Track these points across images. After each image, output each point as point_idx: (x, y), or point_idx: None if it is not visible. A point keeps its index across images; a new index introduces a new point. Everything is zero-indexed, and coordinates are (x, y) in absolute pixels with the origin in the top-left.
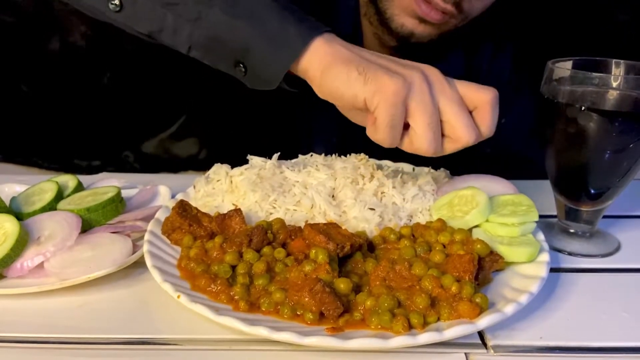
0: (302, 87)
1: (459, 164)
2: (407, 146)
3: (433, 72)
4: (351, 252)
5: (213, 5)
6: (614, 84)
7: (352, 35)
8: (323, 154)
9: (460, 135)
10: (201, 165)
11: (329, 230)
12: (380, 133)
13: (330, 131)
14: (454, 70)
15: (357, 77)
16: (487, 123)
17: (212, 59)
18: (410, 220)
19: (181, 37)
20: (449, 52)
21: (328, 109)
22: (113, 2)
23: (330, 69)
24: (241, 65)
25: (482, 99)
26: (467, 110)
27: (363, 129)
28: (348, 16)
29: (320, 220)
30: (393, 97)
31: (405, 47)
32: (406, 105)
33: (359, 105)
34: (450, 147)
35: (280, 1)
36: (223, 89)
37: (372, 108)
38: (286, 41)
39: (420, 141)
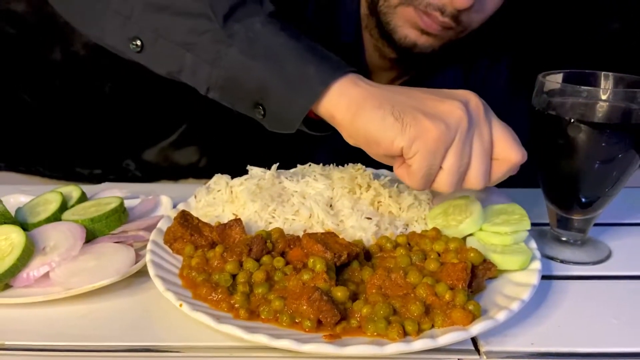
0: (330, 130)
1: None
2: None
3: (475, 105)
4: (348, 261)
5: (231, 45)
6: (603, 96)
7: (353, 46)
8: (321, 164)
9: (472, 181)
10: (201, 173)
11: (327, 239)
12: (414, 181)
13: (327, 141)
14: (453, 81)
15: (394, 123)
16: (497, 177)
17: (230, 100)
18: (406, 229)
19: (200, 78)
20: (449, 62)
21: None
22: (134, 42)
23: (362, 113)
24: (260, 107)
25: (509, 158)
26: (489, 158)
27: None
28: (350, 29)
29: (318, 229)
30: (434, 146)
31: (405, 59)
32: (447, 150)
33: (395, 153)
34: (463, 186)
35: (304, 41)
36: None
37: (409, 156)
38: (305, 82)
39: (444, 181)
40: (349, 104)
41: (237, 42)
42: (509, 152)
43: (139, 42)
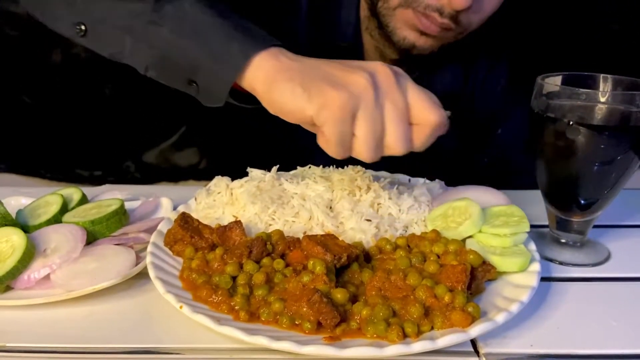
0: (258, 103)
1: (455, 175)
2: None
3: (383, 74)
4: (348, 263)
5: (162, 25)
6: (602, 99)
7: (352, 48)
8: (321, 166)
9: (391, 145)
10: (201, 175)
11: (327, 241)
12: (330, 149)
13: None
14: (453, 81)
15: (302, 93)
16: (421, 141)
17: (166, 79)
18: (406, 231)
19: (139, 58)
20: (449, 63)
21: None
22: (78, 27)
23: (275, 85)
24: (194, 83)
25: (427, 120)
26: (406, 122)
27: None
28: (349, 31)
29: (318, 231)
30: (339, 113)
31: (407, 59)
32: (353, 116)
33: (307, 122)
34: (384, 153)
35: (231, 18)
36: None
37: (319, 124)
38: (229, 57)
39: (361, 149)
40: (265, 77)
41: (167, 22)
42: (426, 115)
43: (82, 27)
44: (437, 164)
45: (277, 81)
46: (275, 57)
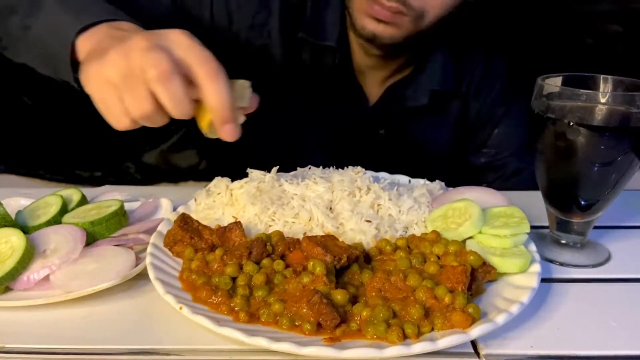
0: None
1: (455, 174)
2: None
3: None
4: (348, 264)
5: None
6: (602, 100)
7: (338, 49)
8: (321, 167)
9: (168, 108)
10: (201, 176)
11: (327, 242)
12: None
13: (327, 144)
14: (444, 79)
15: (85, 59)
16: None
17: (63, 75)
18: (406, 232)
19: (46, 70)
20: (429, 55)
21: (325, 123)
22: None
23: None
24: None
25: (202, 73)
26: (172, 81)
27: (359, 142)
28: (333, 31)
29: (318, 232)
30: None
31: (387, 54)
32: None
33: None
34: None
35: None
36: None
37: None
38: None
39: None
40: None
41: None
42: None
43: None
44: (436, 165)
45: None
46: (95, 33)
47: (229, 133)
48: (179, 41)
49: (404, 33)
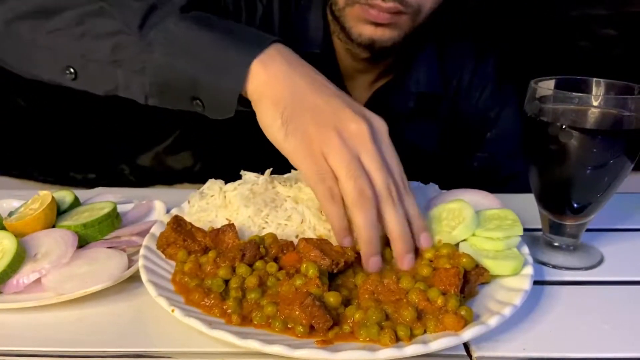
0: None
1: (448, 178)
2: None
3: (358, 131)
4: (344, 269)
5: (152, 52)
6: (594, 103)
7: (323, 55)
8: None
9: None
10: (196, 178)
11: (322, 245)
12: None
13: None
14: (430, 81)
15: (280, 127)
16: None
17: (169, 102)
18: None
19: (135, 90)
20: (415, 57)
21: None
22: (68, 71)
23: (259, 106)
24: (198, 100)
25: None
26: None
27: None
28: (318, 38)
29: (310, 234)
30: (310, 162)
31: (377, 57)
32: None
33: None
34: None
35: (218, 27)
36: None
37: (295, 164)
38: (229, 68)
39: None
40: (255, 90)
41: (157, 48)
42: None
43: (72, 70)
44: (430, 168)
45: (263, 99)
46: (267, 65)
47: (408, 263)
48: (386, 141)
49: (403, 33)
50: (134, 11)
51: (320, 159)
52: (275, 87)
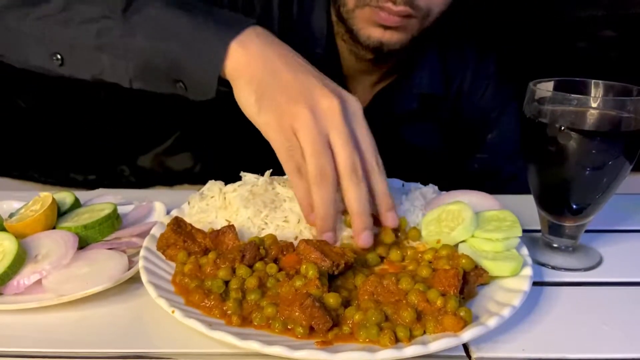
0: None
1: (448, 179)
2: None
3: (330, 108)
4: (344, 270)
5: (134, 35)
6: (593, 104)
7: (326, 56)
8: None
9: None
10: (196, 179)
11: (323, 247)
12: (280, 160)
13: None
14: (432, 82)
15: (254, 103)
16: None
17: (152, 85)
18: None
19: (120, 73)
20: (417, 58)
21: None
22: (54, 57)
23: (236, 84)
24: (180, 82)
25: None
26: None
27: None
28: (321, 39)
29: (308, 235)
30: (280, 135)
31: (381, 58)
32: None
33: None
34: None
35: (198, 10)
36: (217, 104)
37: (267, 138)
38: (209, 49)
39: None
40: (233, 70)
41: (139, 31)
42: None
43: (59, 56)
44: (430, 169)
45: (239, 78)
46: (245, 45)
47: (364, 240)
48: (359, 119)
49: (411, 36)
50: None
51: (290, 134)
52: (252, 65)
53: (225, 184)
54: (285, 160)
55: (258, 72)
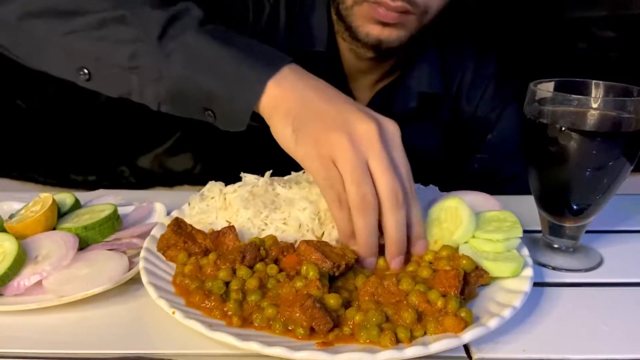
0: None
1: (448, 179)
2: None
3: (367, 132)
4: (345, 271)
5: (171, 62)
6: (594, 105)
7: (327, 54)
8: None
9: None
10: (196, 180)
11: (323, 248)
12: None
13: None
14: (431, 81)
15: (291, 135)
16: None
17: (181, 111)
18: None
19: (149, 96)
20: (417, 57)
21: None
22: (82, 72)
23: (272, 119)
24: (210, 111)
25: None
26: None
27: None
28: (322, 36)
29: (309, 236)
30: (321, 166)
31: (381, 57)
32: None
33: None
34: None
35: (236, 43)
36: None
37: (306, 169)
38: (245, 85)
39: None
40: (267, 106)
41: (175, 59)
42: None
43: (86, 71)
44: (430, 170)
45: (275, 114)
46: (280, 85)
47: (396, 265)
48: (397, 144)
49: (409, 33)
50: (155, 21)
51: (329, 164)
52: (287, 99)
53: (226, 185)
54: (325, 190)
55: (293, 105)
